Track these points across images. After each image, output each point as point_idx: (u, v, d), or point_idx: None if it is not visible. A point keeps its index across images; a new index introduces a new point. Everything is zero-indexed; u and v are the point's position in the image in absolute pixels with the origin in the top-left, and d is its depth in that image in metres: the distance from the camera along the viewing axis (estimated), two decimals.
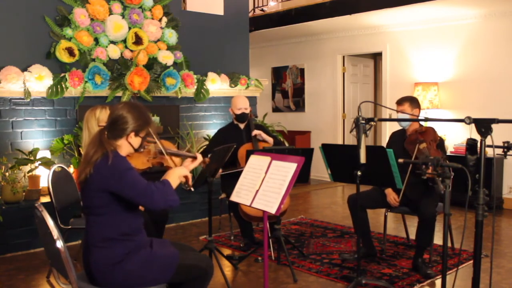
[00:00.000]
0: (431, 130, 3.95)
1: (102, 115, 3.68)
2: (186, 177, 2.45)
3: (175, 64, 5.81)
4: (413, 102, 4.04)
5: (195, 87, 5.95)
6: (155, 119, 5.63)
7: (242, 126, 4.69)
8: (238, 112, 4.60)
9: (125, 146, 2.41)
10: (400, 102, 4.06)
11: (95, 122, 3.66)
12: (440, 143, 3.96)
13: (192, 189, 2.48)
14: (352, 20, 7.13)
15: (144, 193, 2.25)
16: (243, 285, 3.72)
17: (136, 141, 2.42)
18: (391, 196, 3.99)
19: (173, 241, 2.75)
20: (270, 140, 4.59)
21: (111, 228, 2.33)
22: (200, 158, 2.64)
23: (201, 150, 5.96)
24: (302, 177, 3.63)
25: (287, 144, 6.50)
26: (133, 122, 2.37)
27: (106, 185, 2.26)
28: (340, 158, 3.49)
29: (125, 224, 2.35)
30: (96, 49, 5.19)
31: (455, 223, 5.32)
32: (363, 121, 3.06)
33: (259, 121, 6.44)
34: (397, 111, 4.05)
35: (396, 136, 4.22)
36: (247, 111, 4.61)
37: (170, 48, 5.78)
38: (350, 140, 8.32)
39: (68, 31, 5.05)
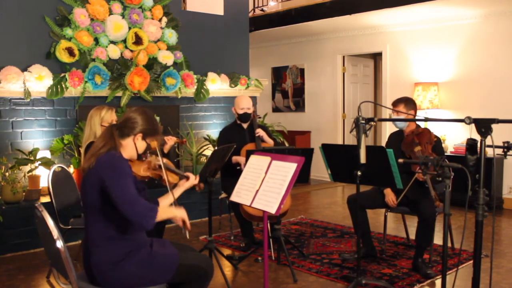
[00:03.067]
0: (427, 131, 3.95)
1: (107, 116, 3.73)
2: (184, 221, 2.44)
3: (175, 64, 5.81)
4: (408, 103, 4.03)
5: (195, 87, 5.95)
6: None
7: (245, 126, 4.69)
8: (241, 112, 4.59)
9: (130, 147, 2.43)
10: (395, 103, 4.06)
11: (99, 121, 3.71)
12: (437, 144, 3.95)
13: (188, 236, 2.49)
14: (352, 20, 7.13)
15: (129, 201, 2.22)
16: (243, 285, 3.72)
17: (141, 145, 2.45)
18: (390, 197, 4.00)
19: (173, 241, 2.75)
20: (271, 142, 4.59)
21: (110, 227, 2.33)
22: (192, 179, 2.66)
23: (203, 151, 5.98)
24: (302, 177, 3.61)
25: (287, 144, 6.51)
26: (143, 124, 2.43)
27: (102, 177, 2.26)
28: (340, 158, 3.49)
29: (124, 223, 2.34)
30: (96, 49, 5.19)
31: (455, 223, 5.32)
32: (363, 121, 3.06)
33: (260, 122, 6.44)
34: (393, 112, 4.05)
35: (394, 137, 4.22)
36: (250, 111, 4.60)
37: (170, 48, 5.78)
38: (350, 140, 8.31)
39: (68, 31, 5.05)
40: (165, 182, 2.62)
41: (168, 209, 2.45)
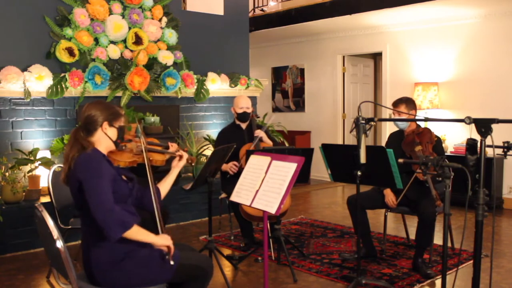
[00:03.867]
0: (427, 131, 3.95)
1: None
2: (168, 247, 2.39)
3: (175, 64, 5.81)
4: (409, 103, 4.04)
5: (195, 87, 5.95)
6: (155, 119, 5.63)
7: (244, 126, 4.69)
8: (240, 111, 4.60)
9: (103, 139, 2.42)
10: (396, 104, 4.06)
11: None
12: (437, 144, 3.95)
13: (172, 262, 2.36)
14: (352, 20, 7.13)
15: (100, 207, 2.20)
16: (243, 285, 3.72)
17: (112, 131, 2.44)
18: (389, 197, 4.00)
19: (173, 241, 2.75)
20: (270, 143, 4.59)
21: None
22: (186, 156, 2.70)
23: (203, 151, 5.98)
24: (302, 177, 3.62)
25: (287, 144, 6.50)
26: (102, 113, 2.41)
27: (79, 178, 2.26)
28: (340, 158, 3.49)
29: None
30: (96, 49, 5.18)
31: (455, 223, 5.32)
32: (363, 121, 3.06)
33: (260, 122, 6.44)
34: (394, 112, 4.05)
35: (394, 137, 4.23)
36: (249, 111, 4.61)
37: (170, 48, 5.78)
38: (350, 140, 8.31)
39: (68, 31, 5.05)
40: (150, 163, 2.57)
41: (148, 234, 2.35)
